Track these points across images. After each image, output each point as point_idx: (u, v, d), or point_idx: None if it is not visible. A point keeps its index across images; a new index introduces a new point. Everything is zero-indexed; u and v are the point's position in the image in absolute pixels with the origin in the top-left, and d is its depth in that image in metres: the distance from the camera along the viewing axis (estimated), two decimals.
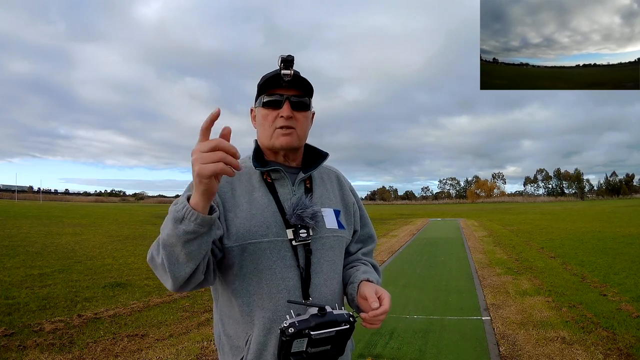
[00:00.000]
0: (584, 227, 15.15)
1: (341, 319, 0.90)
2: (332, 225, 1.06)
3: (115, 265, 7.15)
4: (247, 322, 0.98)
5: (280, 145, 1.02)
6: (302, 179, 1.06)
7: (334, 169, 1.21)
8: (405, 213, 36.36)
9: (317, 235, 1.02)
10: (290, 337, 0.86)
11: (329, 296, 1.02)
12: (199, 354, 3.23)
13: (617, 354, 3.15)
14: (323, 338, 0.89)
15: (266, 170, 1.04)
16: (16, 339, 3.42)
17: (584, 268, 6.74)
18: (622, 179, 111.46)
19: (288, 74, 0.97)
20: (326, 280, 1.02)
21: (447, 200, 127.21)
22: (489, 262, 7.74)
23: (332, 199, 1.11)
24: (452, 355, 3.26)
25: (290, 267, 0.98)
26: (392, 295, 5.46)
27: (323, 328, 0.88)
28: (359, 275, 1.05)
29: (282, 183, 1.04)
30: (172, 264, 0.84)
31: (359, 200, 1.22)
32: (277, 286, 0.97)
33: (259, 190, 1.03)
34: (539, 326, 3.85)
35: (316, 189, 1.09)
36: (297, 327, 0.87)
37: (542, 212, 31.86)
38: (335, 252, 1.06)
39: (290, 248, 0.99)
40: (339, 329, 0.90)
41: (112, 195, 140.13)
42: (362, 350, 3.36)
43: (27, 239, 10.59)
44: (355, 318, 0.94)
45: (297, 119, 1.02)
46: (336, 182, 1.17)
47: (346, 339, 0.93)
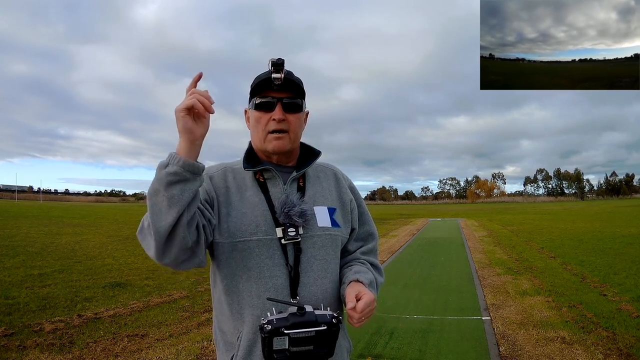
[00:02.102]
0: (584, 227, 15.16)
1: (322, 320, 0.90)
2: (325, 224, 1.05)
3: (115, 265, 7.14)
4: (237, 319, 1.00)
5: (272, 149, 1.04)
6: (294, 177, 1.07)
7: (332, 167, 1.20)
8: (406, 213, 36.36)
9: (307, 234, 1.02)
10: (269, 334, 0.87)
11: (320, 295, 1.01)
12: (199, 354, 3.23)
13: (617, 354, 3.15)
14: (303, 338, 0.89)
15: (258, 170, 1.05)
16: (16, 339, 3.42)
17: (584, 268, 6.74)
18: (622, 179, 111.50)
19: (278, 78, 0.97)
20: (316, 279, 1.02)
21: (447, 200, 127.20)
22: (489, 262, 7.74)
23: (327, 196, 1.11)
24: (452, 355, 3.26)
25: (278, 265, 0.99)
26: (392, 295, 5.43)
27: (300, 327, 0.88)
28: (350, 275, 1.05)
29: (273, 182, 1.05)
30: (155, 214, 0.84)
31: (359, 198, 1.21)
32: (265, 284, 0.98)
33: (250, 189, 1.05)
34: (539, 326, 3.85)
35: (310, 187, 1.09)
36: (275, 324, 0.87)
37: (542, 212, 31.86)
38: (328, 251, 1.05)
39: (279, 247, 0.99)
40: (318, 330, 0.89)
41: (112, 195, 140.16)
42: (362, 350, 3.36)
43: (27, 239, 10.60)
44: (340, 319, 0.93)
45: (289, 121, 1.03)
46: (333, 179, 1.16)
47: (330, 340, 0.92)
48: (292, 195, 1.03)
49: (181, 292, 5.24)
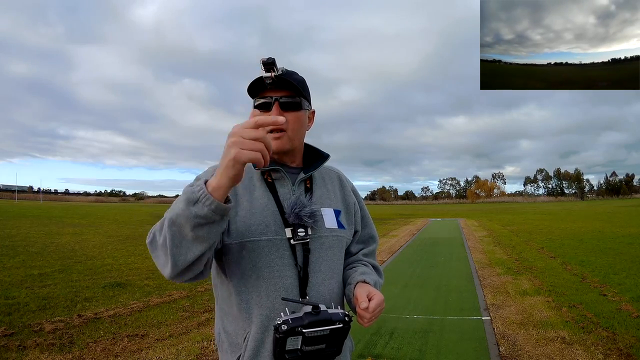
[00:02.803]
0: (584, 227, 15.16)
1: (336, 318, 0.91)
2: (332, 225, 1.06)
3: (115, 265, 7.15)
4: (245, 319, 0.99)
5: (272, 148, 1.04)
6: (303, 179, 1.07)
7: (336, 170, 1.21)
8: (405, 213, 36.36)
9: (315, 235, 1.02)
10: (284, 334, 0.86)
11: (327, 295, 1.02)
12: (199, 354, 3.23)
13: (617, 354, 3.15)
14: (317, 336, 0.89)
15: (266, 170, 1.05)
16: (16, 339, 3.42)
17: (584, 268, 6.74)
18: (622, 179, 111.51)
19: (268, 77, 0.97)
20: (324, 280, 1.02)
21: (447, 200, 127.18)
22: (489, 262, 7.74)
23: (332, 199, 1.12)
24: (452, 355, 3.26)
25: (288, 265, 0.99)
26: (392, 295, 5.42)
27: (316, 326, 0.88)
28: (357, 276, 1.06)
29: (282, 183, 1.05)
30: (176, 246, 0.82)
31: (361, 201, 1.22)
32: (275, 284, 0.97)
33: (259, 189, 1.04)
34: (539, 326, 3.85)
35: (316, 189, 1.10)
36: (290, 324, 0.87)
37: (542, 212, 31.86)
38: (334, 252, 1.06)
39: (288, 247, 0.99)
40: (333, 328, 0.90)
41: (112, 195, 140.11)
42: (362, 350, 3.36)
43: (27, 239, 10.60)
44: (351, 317, 0.94)
45: (287, 120, 1.02)
46: (337, 182, 1.17)
47: (342, 338, 0.93)
48: (301, 196, 1.03)
49: (181, 292, 5.24)
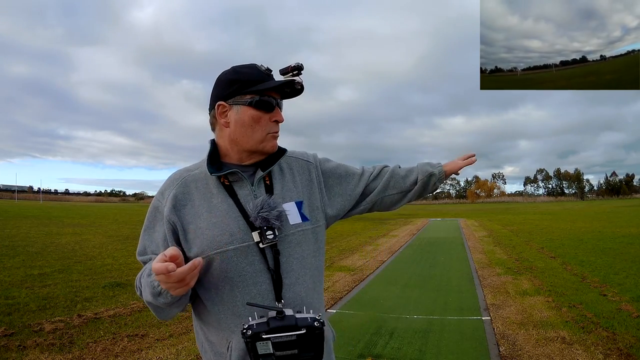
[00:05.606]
0: (584, 227, 15.15)
1: (302, 324, 0.88)
2: (296, 220, 1.02)
3: (115, 265, 7.14)
4: (225, 329, 0.97)
5: (270, 149, 1.04)
6: (262, 176, 1.03)
7: (305, 159, 1.15)
8: (405, 213, 36.33)
9: (282, 234, 0.99)
10: (250, 339, 0.86)
11: (303, 294, 0.99)
12: (199, 354, 3.22)
13: (617, 354, 3.15)
14: (286, 342, 0.87)
15: (222, 174, 1.00)
16: (16, 339, 3.42)
17: (584, 268, 6.74)
18: (622, 179, 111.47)
19: (300, 82, 1.01)
20: (297, 279, 0.99)
21: (447, 200, 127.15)
22: (489, 262, 7.74)
23: (292, 190, 1.06)
24: (452, 355, 3.26)
25: (260, 271, 0.96)
26: (392, 295, 5.40)
27: (281, 332, 0.87)
28: (418, 168, 1.21)
29: (240, 185, 1.01)
30: (158, 313, 1.01)
31: (333, 167, 1.16)
32: (250, 292, 0.95)
33: (217, 196, 1.00)
34: (539, 326, 3.85)
35: (276, 185, 1.05)
36: (255, 329, 0.86)
37: (542, 212, 31.86)
38: (303, 248, 1.02)
39: (257, 251, 0.96)
40: (299, 334, 0.88)
41: (112, 195, 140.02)
42: (362, 350, 3.36)
43: (27, 239, 10.59)
44: (322, 322, 0.91)
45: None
46: (296, 167, 1.11)
47: (314, 343, 0.90)
48: (269, 199, 0.98)
49: None
